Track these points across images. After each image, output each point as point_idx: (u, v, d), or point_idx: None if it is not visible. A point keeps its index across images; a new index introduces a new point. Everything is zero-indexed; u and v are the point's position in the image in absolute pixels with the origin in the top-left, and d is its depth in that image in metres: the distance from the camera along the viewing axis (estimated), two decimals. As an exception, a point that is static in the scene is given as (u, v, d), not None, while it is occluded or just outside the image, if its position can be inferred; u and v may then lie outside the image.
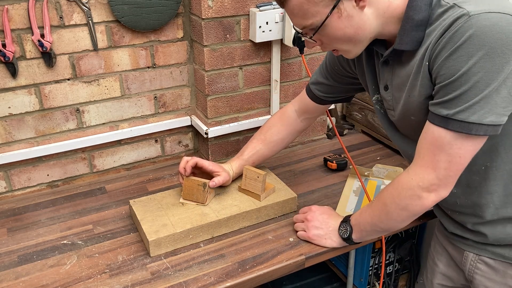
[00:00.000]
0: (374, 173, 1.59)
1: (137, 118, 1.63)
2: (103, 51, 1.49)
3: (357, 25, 0.98)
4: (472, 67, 0.87)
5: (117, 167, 1.67)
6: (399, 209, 1.07)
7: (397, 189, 1.06)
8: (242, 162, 1.45)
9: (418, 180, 1.00)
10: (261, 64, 1.63)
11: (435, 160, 0.97)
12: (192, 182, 1.35)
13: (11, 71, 1.38)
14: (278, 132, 1.45)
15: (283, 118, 1.45)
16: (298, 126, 1.46)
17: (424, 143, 0.99)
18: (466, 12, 0.87)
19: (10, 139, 1.47)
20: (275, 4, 1.52)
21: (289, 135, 1.47)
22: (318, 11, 0.97)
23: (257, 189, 1.38)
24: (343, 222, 1.23)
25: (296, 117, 1.45)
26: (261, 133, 1.47)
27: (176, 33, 1.57)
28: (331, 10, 0.96)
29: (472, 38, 0.86)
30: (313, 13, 0.98)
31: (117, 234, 1.34)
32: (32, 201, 1.51)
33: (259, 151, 1.45)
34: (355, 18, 0.97)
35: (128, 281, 1.16)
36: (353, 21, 0.98)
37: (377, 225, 1.15)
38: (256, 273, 1.19)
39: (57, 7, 1.38)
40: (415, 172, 1.01)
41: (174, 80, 1.64)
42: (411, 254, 1.76)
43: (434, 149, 0.97)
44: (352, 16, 0.97)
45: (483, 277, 1.14)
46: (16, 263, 1.23)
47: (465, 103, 0.89)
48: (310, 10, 0.97)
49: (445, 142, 0.95)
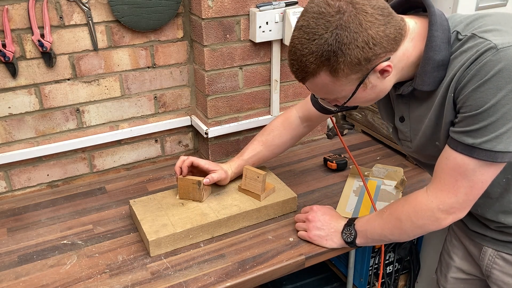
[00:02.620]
0: (374, 173, 1.59)
1: (137, 118, 1.63)
2: (103, 51, 1.49)
3: (379, 90, 1.00)
4: (501, 99, 0.88)
5: (117, 167, 1.67)
6: (414, 227, 1.09)
7: (415, 208, 1.07)
8: (242, 162, 1.45)
9: (438, 203, 1.03)
10: (261, 64, 1.63)
11: (456, 185, 0.99)
12: (187, 181, 1.36)
13: (11, 71, 1.38)
14: (280, 136, 1.45)
15: (286, 123, 1.45)
16: (300, 131, 1.46)
17: (446, 168, 1.00)
18: (494, 45, 0.89)
19: (10, 139, 1.47)
20: (275, 4, 1.52)
21: (291, 140, 1.47)
22: (344, 89, 0.98)
23: (257, 189, 1.38)
24: (347, 226, 1.23)
25: (299, 123, 1.45)
26: (262, 135, 1.47)
27: (176, 33, 1.57)
28: (357, 87, 0.97)
29: (501, 72, 0.87)
30: (339, 91, 0.98)
31: (117, 234, 1.34)
32: (32, 201, 1.51)
33: (260, 153, 1.46)
34: (379, 86, 0.99)
35: (128, 281, 1.16)
36: (377, 89, 0.99)
37: (386, 236, 1.16)
38: (256, 273, 1.19)
39: (57, 7, 1.38)
40: (435, 195, 1.03)
41: (174, 80, 1.64)
42: (411, 254, 1.76)
43: (456, 175, 0.98)
44: (376, 85, 0.98)
45: (501, 272, 1.15)
46: (16, 263, 1.23)
47: (492, 133, 0.91)
48: (335, 89, 0.98)
49: (469, 169, 0.97)
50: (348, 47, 0.90)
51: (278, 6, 1.52)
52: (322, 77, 0.95)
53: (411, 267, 1.78)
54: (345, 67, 0.92)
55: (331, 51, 0.90)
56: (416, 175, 1.62)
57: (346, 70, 0.92)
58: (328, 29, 0.90)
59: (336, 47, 0.90)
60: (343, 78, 0.94)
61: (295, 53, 0.95)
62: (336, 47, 0.90)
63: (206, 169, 1.39)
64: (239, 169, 1.45)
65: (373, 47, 0.91)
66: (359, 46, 0.90)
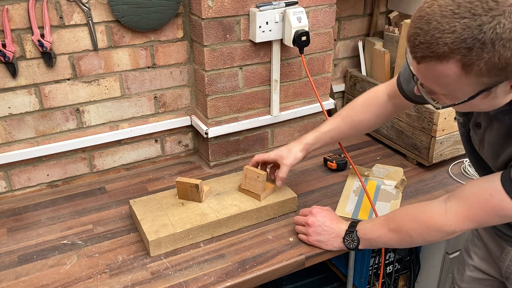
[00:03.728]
0: (374, 173, 1.59)
1: (137, 118, 1.63)
2: (103, 51, 1.49)
3: (496, 103, 0.85)
4: None
5: (117, 167, 1.67)
6: (423, 241, 1.08)
7: (428, 226, 1.04)
8: (319, 134, 1.33)
9: (456, 227, 0.99)
10: (261, 64, 1.63)
11: (486, 220, 0.96)
12: (184, 184, 1.35)
13: (11, 71, 1.38)
14: (364, 112, 1.29)
15: (372, 99, 1.29)
16: (388, 109, 1.28)
17: (484, 203, 0.94)
18: None
19: (10, 139, 1.47)
20: (275, 4, 1.52)
21: (376, 118, 1.29)
22: (463, 89, 0.80)
23: (257, 189, 1.38)
24: (350, 232, 1.21)
25: (387, 100, 1.27)
26: (344, 109, 1.32)
27: (176, 33, 1.57)
28: (478, 93, 0.80)
29: None
30: (456, 89, 0.81)
31: (117, 234, 1.34)
32: (32, 201, 1.51)
33: (339, 127, 1.31)
34: (499, 99, 0.83)
35: (128, 281, 1.16)
36: (495, 101, 0.84)
37: (391, 245, 1.15)
38: (256, 273, 1.19)
39: (57, 7, 1.38)
40: (456, 218, 0.99)
41: (174, 80, 1.64)
42: (411, 254, 1.75)
43: (492, 213, 0.94)
44: (497, 97, 0.82)
45: None
46: (16, 263, 1.23)
47: None
48: (453, 86, 0.80)
49: (507, 210, 0.92)
50: (503, 44, 0.71)
51: (278, 6, 1.52)
52: (448, 67, 0.76)
53: (411, 267, 1.78)
54: (485, 67, 0.74)
55: (479, 41, 0.71)
56: (416, 175, 1.62)
57: (483, 70, 0.75)
58: (490, 11, 0.70)
59: (489, 38, 0.71)
60: (473, 77, 0.76)
61: (430, 22, 0.74)
62: (488, 38, 0.71)
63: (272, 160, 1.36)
64: (315, 141, 1.33)
65: None
66: None
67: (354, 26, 1.97)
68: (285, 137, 1.79)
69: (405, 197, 1.50)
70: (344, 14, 1.92)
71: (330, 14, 1.67)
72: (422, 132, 1.61)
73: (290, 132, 1.80)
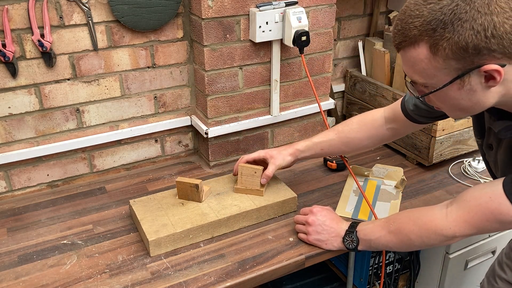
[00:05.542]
0: (374, 173, 1.59)
1: (137, 118, 1.63)
2: (103, 51, 1.49)
3: (476, 100, 0.86)
4: None
5: (117, 167, 1.67)
6: (423, 245, 1.08)
7: (428, 230, 1.04)
8: (310, 144, 1.37)
9: (456, 231, 0.99)
10: (261, 64, 1.63)
11: (486, 226, 0.95)
12: (184, 184, 1.35)
13: (11, 71, 1.38)
14: (358, 131, 1.33)
15: (368, 119, 1.33)
16: (381, 133, 1.32)
17: (485, 207, 0.94)
18: None
19: (10, 139, 1.47)
20: (275, 4, 1.52)
21: (368, 139, 1.34)
22: (437, 76, 0.85)
23: (255, 184, 1.38)
24: (350, 233, 1.21)
25: (383, 123, 1.32)
26: (339, 125, 1.37)
27: (176, 33, 1.57)
28: (452, 80, 0.84)
29: None
30: (430, 75, 0.86)
31: (117, 234, 1.34)
32: (32, 201, 1.51)
33: (332, 140, 1.34)
34: (478, 94, 0.85)
35: (128, 281, 1.16)
36: (474, 96, 0.86)
37: (391, 248, 1.15)
38: (256, 273, 1.19)
39: (57, 7, 1.38)
40: (456, 222, 0.99)
41: (174, 80, 1.64)
42: (411, 254, 1.75)
43: (493, 219, 0.94)
44: (475, 91, 0.85)
45: None
46: (16, 263, 1.23)
47: None
48: (428, 71, 0.85)
49: (506, 214, 0.92)
50: (462, 24, 0.77)
51: (278, 6, 1.52)
52: (419, 50, 0.83)
53: (411, 267, 1.78)
54: (448, 47, 0.80)
55: (441, 22, 0.79)
56: (416, 175, 1.62)
57: (447, 50, 0.80)
58: None
59: (449, 19, 0.78)
60: (440, 59, 0.82)
61: (405, 12, 0.83)
62: (448, 19, 0.78)
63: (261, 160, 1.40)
64: (305, 149, 1.37)
65: (490, 38, 0.78)
66: (475, 29, 0.77)
67: (354, 26, 1.97)
68: (285, 137, 1.79)
69: (405, 197, 1.50)
70: (344, 14, 1.92)
71: (330, 14, 1.67)
72: (422, 132, 1.61)
73: (290, 132, 1.80)
